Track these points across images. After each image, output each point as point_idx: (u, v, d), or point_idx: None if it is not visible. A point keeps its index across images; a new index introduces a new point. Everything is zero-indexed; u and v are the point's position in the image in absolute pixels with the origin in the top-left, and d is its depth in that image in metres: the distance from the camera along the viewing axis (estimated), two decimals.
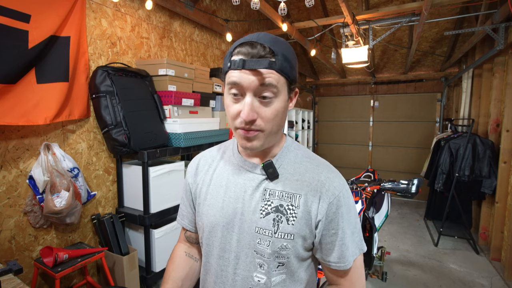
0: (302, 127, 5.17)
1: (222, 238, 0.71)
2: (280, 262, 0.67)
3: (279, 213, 0.66)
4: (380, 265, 2.65)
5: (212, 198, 0.74)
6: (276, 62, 0.59)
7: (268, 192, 0.68)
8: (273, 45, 0.60)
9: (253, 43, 0.60)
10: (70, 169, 1.81)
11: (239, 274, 0.70)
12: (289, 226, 0.66)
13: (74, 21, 1.80)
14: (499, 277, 2.73)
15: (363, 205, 1.97)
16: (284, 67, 0.60)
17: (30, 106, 1.59)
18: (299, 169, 0.70)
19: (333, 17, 3.13)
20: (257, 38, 0.61)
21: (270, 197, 0.68)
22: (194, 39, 3.00)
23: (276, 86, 0.60)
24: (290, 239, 0.66)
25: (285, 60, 0.60)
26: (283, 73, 0.60)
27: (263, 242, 0.67)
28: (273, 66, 0.59)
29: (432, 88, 5.27)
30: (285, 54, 0.61)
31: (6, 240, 1.62)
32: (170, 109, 2.23)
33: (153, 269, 2.11)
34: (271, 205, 0.67)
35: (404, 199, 5.34)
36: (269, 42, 0.60)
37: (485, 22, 3.00)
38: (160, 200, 2.09)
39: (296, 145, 0.76)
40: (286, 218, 0.66)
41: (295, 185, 0.68)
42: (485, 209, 3.39)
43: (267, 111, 0.61)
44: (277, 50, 0.60)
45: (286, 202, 0.67)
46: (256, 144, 0.64)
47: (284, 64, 0.60)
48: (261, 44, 0.59)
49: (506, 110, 2.92)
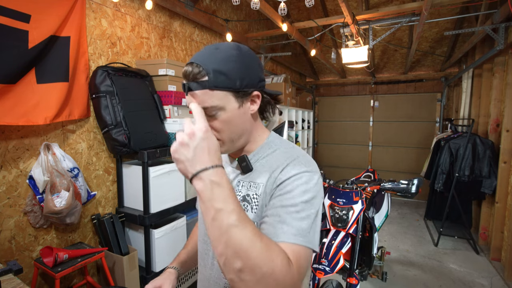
0: (302, 127, 5.17)
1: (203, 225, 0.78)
2: None
3: (245, 202, 0.71)
4: (380, 265, 2.65)
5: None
6: (208, 80, 0.62)
7: (241, 183, 0.74)
8: (209, 61, 0.63)
9: (191, 63, 0.64)
10: (70, 169, 1.81)
11: (215, 258, 0.75)
12: (252, 214, 0.70)
13: (74, 21, 1.80)
14: (499, 277, 2.73)
15: (363, 205, 1.97)
16: (219, 81, 0.62)
17: (30, 106, 1.59)
18: (271, 161, 0.72)
19: (333, 17, 3.13)
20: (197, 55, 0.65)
21: (241, 188, 0.73)
22: (194, 39, 3.00)
23: (215, 103, 0.64)
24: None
25: (219, 74, 0.62)
26: (219, 88, 0.63)
27: None
28: (205, 85, 0.62)
29: (432, 88, 5.27)
30: (218, 67, 0.62)
31: (6, 240, 1.62)
32: (170, 109, 2.23)
33: (153, 269, 2.11)
34: (240, 195, 0.72)
35: (404, 199, 5.34)
36: (206, 58, 0.63)
37: (485, 22, 3.00)
38: (160, 200, 2.09)
39: (279, 142, 0.77)
40: (250, 207, 0.70)
41: (263, 176, 0.71)
42: (485, 209, 3.39)
43: (216, 124, 0.66)
44: (208, 67, 0.62)
45: (252, 192, 0.71)
46: (223, 150, 0.71)
47: (218, 78, 0.62)
48: (196, 65, 0.63)
49: (506, 110, 2.92)
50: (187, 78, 0.64)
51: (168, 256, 2.18)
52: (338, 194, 2.07)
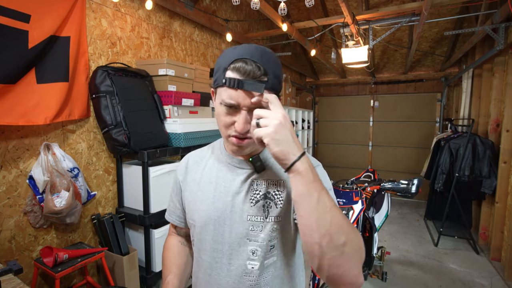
0: (302, 127, 5.17)
1: (215, 231, 0.75)
2: (272, 245, 0.72)
3: (267, 199, 0.72)
4: (380, 265, 2.65)
5: (203, 194, 0.78)
6: (268, 81, 0.63)
7: (256, 182, 0.74)
8: (265, 63, 0.63)
9: (246, 61, 0.62)
10: (70, 169, 1.81)
11: (233, 264, 0.73)
12: (278, 209, 0.72)
13: (74, 21, 1.80)
14: (499, 277, 2.73)
15: (363, 205, 1.97)
16: (275, 85, 0.65)
17: (30, 106, 1.59)
18: None
19: (333, 17, 3.13)
20: (250, 54, 0.63)
21: (258, 187, 0.73)
22: (194, 39, 3.00)
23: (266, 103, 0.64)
24: (279, 221, 0.72)
25: (275, 78, 0.65)
26: (273, 90, 0.65)
27: (256, 228, 0.72)
28: (266, 86, 0.62)
29: (432, 88, 5.27)
30: (275, 71, 0.65)
31: (6, 240, 1.62)
32: (170, 109, 2.23)
33: (153, 269, 2.11)
34: (260, 193, 0.73)
35: (404, 199, 5.34)
36: (261, 59, 0.63)
37: (485, 22, 3.00)
38: (160, 200, 2.09)
39: None
40: (274, 203, 0.72)
41: (278, 173, 0.74)
42: (485, 209, 3.39)
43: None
44: (269, 70, 0.63)
45: (273, 189, 0.73)
46: (248, 151, 0.71)
47: (274, 82, 0.65)
48: (255, 63, 0.62)
49: (506, 110, 2.92)
50: (244, 75, 0.62)
51: None
52: (338, 194, 2.07)
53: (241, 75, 0.62)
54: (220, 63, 0.67)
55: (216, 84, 0.68)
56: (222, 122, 0.68)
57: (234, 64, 0.63)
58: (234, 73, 0.63)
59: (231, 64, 0.64)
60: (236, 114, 0.66)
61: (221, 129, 0.70)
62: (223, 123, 0.68)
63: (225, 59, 0.65)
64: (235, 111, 0.66)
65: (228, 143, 0.71)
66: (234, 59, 0.64)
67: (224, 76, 0.64)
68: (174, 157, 2.72)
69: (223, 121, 0.68)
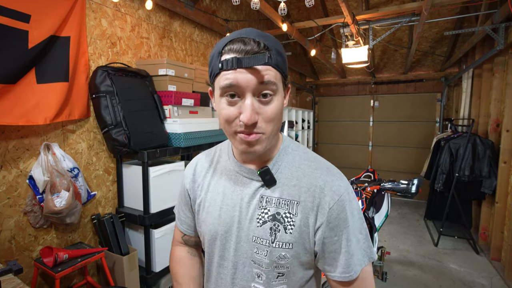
0: (302, 127, 5.17)
1: (221, 247, 0.70)
2: (280, 272, 0.65)
3: (276, 221, 0.63)
4: (380, 265, 2.65)
5: (210, 206, 0.72)
6: (271, 57, 0.55)
7: (265, 199, 0.65)
8: (265, 39, 0.56)
9: (244, 40, 0.55)
10: (70, 169, 1.81)
11: (237, 284, 0.68)
12: (287, 235, 0.63)
13: (74, 21, 1.80)
14: (499, 277, 2.73)
15: (363, 205, 1.97)
16: (279, 62, 0.57)
17: (30, 106, 1.59)
18: (297, 173, 0.66)
19: (333, 17, 3.14)
20: (246, 34, 0.57)
21: (267, 205, 0.65)
22: (194, 39, 3.00)
23: (275, 83, 0.56)
24: (288, 248, 0.63)
25: (278, 55, 0.57)
26: (278, 68, 0.57)
27: (260, 252, 0.64)
28: (269, 61, 0.54)
29: (432, 88, 5.27)
30: (277, 48, 0.58)
31: (6, 240, 1.62)
32: (170, 109, 2.23)
33: (153, 269, 2.11)
34: (268, 213, 0.64)
35: (404, 199, 5.34)
36: (260, 37, 0.56)
37: (485, 22, 3.00)
38: (160, 200, 2.09)
39: (295, 146, 0.71)
40: (283, 227, 0.63)
41: (292, 191, 0.64)
42: (485, 209, 3.39)
43: (268, 110, 0.57)
44: (270, 45, 0.56)
45: (283, 210, 0.63)
46: (259, 149, 0.60)
47: (278, 58, 0.57)
48: (253, 40, 0.55)
49: (506, 110, 2.92)
50: (242, 53, 0.54)
51: (168, 256, 2.17)
52: None
53: (238, 54, 0.54)
54: (213, 51, 0.59)
55: (212, 74, 0.59)
56: (225, 116, 0.58)
57: (229, 46, 0.56)
58: (231, 53, 0.55)
59: (225, 47, 0.56)
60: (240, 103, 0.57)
61: (225, 127, 0.60)
62: (226, 118, 0.58)
63: (218, 46, 0.58)
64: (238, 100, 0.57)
65: (236, 142, 0.60)
66: (228, 41, 0.57)
67: (219, 60, 0.56)
68: (174, 157, 2.72)
69: (225, 115, 0.58)
